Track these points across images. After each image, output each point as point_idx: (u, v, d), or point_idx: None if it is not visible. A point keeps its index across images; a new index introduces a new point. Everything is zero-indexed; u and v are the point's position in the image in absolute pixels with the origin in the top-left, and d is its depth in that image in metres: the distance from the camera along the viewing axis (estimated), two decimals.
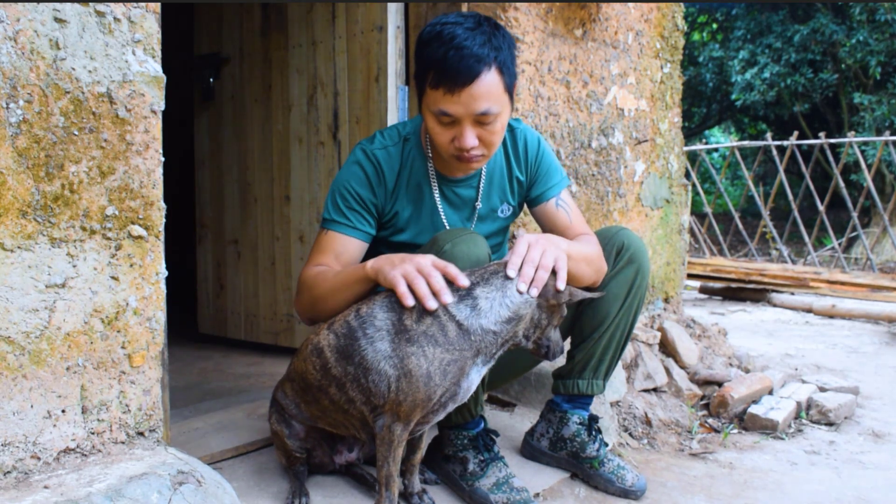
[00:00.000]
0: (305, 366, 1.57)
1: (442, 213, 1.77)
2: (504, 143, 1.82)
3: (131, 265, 1.38)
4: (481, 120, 1.55)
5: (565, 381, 1.95)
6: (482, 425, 1.77)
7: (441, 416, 1.54)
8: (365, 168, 1.71)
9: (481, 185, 1.80)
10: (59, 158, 1.28)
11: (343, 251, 1.69)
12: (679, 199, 3.36)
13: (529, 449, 2.00)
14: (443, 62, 1.50)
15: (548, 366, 2.26)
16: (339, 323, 1.53)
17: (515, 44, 1.69)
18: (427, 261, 1.45)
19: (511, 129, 1.83)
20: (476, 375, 1.49)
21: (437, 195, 1.76)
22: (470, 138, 1.56)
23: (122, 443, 1.39)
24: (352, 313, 1.52)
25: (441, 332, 1.42)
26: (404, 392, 1.42)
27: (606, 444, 1.96)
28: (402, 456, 1.73)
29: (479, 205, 1.81)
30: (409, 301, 1.41)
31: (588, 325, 1.90)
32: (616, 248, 1.86)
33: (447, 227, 1.77)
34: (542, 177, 1.84)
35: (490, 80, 1.51)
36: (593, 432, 1.91)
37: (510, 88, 1.58)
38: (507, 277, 1.46)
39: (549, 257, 1.49)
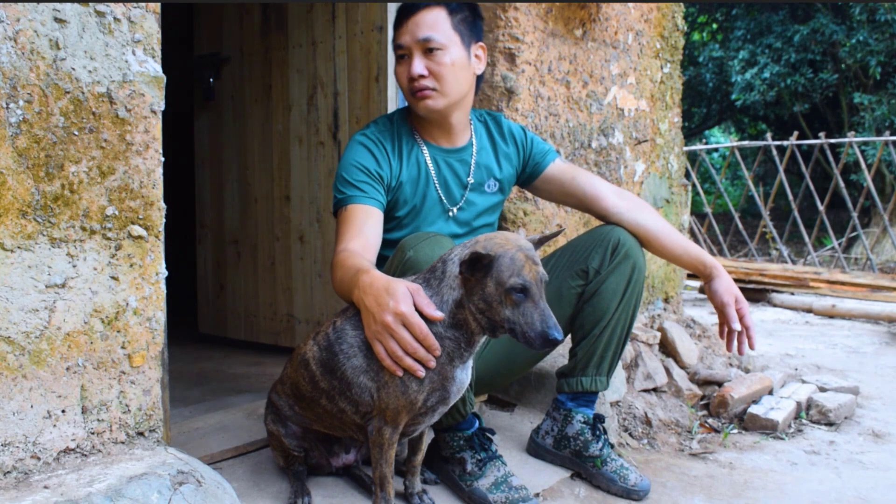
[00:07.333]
0: (297, 376, 1.60)
1: (435, 181, 1.87)
2: (488, 127, 1.99)
3: (131, 265, 1.38)
4: (427, 46, 1.73)
5: (569, 380, 1.95)
6: (477, 424, 1.78)
7: (435, 418, 1.55)
8: (366, 145, 1.80)
9: (473, 157, 1.92)
10: (59, 158, 1.28)
11: (365, 220, 1.70)
12: (679, 199, 3.36)
13: (534, 447, 2.01)
14: (402, 6, 1.75)
15: (548, 365, 2.26)
16: (321, 335, 1.55)
17: (482, 16, 1.90)
18: (391, 317, 1.39)
19: (495, 118, 2.01)
20: (463, 374, 1.49)
21: (430, 163, 1.86)
22: (417, 66, 1.73)
23: (122, 443, 1.39)
24: (331, 325, 1.55)
25: None
26: (385, 401, 1.45)
27: (612, 445, 1.96)
28: (401, 457, 1.74)
29: (471, 180, 1.92)
30: (399, 373, 1.42)
31: (588, 321, 1.90)
32: (612, 246, 1.89)
33: (441, 198, 1.87)
34: (538, 151, 2.00)
35: (434, 15, 1.74)
36: (598, 431, 1.92)
37: (462, 33, 1.77)
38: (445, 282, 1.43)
39: None
